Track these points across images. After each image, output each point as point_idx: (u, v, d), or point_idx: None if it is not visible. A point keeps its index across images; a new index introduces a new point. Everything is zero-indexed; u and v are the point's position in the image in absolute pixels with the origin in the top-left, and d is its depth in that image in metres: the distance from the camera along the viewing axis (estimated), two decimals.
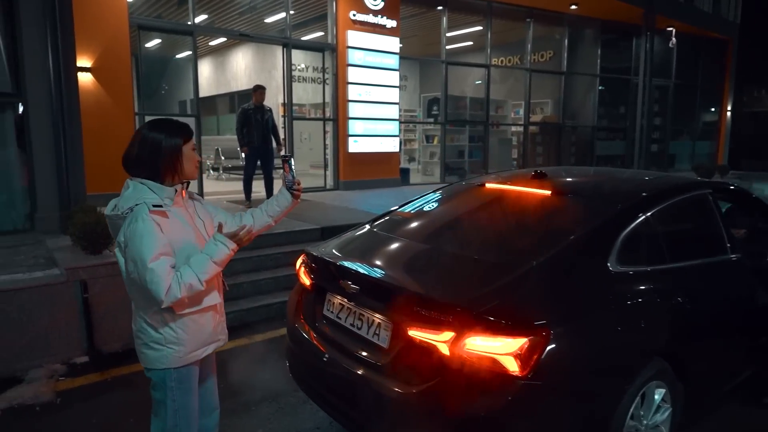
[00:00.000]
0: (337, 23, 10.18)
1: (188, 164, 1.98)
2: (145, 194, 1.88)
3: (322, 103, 10.83)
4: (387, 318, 2.32)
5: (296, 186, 2.27)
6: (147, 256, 1.79)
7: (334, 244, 3.01)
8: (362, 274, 2.51)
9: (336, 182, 10.57)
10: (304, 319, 2.80)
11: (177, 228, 1.92)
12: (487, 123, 13.10)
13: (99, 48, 7.64)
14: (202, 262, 1.90)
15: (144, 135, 1.93)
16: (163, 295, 1.80)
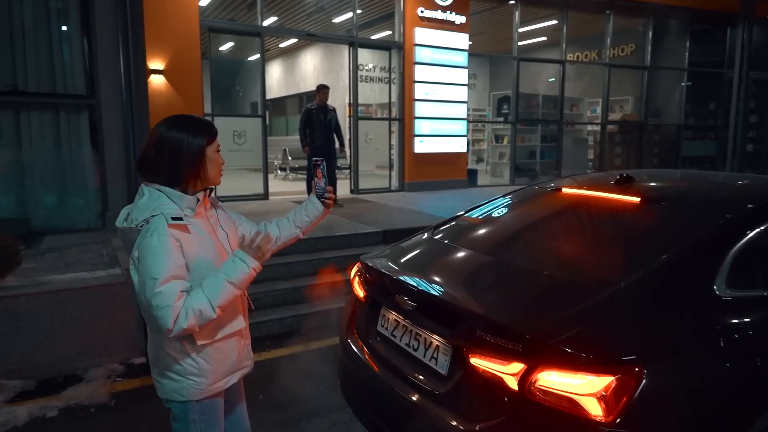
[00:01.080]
0: (404, 21, 9.95)
1: (212, 168, 1.72)
2: (162, 203, 1.63)
3: (388, 102, 10.64)
4: (446, 341, 2.03)
5: (328, 194, 2.02)
6: (157, 278, 1.53)
7: (391, 253, 2.76)
8: (419, 290, 2.22)
9: (401, 183, 10.34)
10: (358, 334, 2.58)
11: (197, 243, 1.67)
12: (561, 122, 12.42)
13: (171, 51, 7.83)
14: (216, 285, 1.62)
15: (162, 134, 1.66)
16: (170, 324, 1.53)
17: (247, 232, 1.92)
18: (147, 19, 7.52)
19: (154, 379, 1.80)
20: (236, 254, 1.68)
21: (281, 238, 2.01)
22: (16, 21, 5.34)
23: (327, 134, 7.65)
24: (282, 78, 18.61)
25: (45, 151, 5.58)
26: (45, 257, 4.57)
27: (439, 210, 7.69)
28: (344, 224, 6.52)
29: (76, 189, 5.77)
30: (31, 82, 5.45)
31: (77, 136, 5.71)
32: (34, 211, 5.57)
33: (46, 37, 5.48)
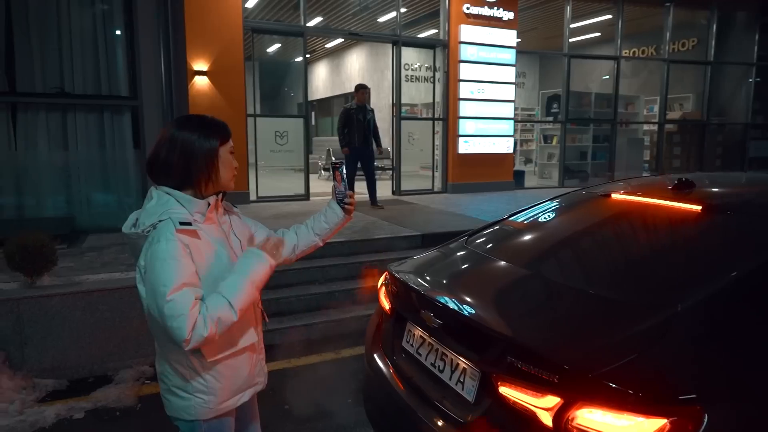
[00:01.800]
0: (450, 18, 9.70)
1: (225, 171, 1.61)
2: (171, 208, 1.52)
3: (431, 102, 10.41)
4: (474, 365, 1.82)
5: (348, 199, 1.88)
6: (167, 286, 1.41)
7: (419, 261, 2.57)
8: (446, 306, 2.00)
9: (444, 185, 10.10)
10: (383, 348, 2.39)
11: (208, 250, 1.55)
12: (614, 121, 11.83)
13: (215, 52, 7.89)
14: (235, 284, 1.51)
15: (173, 135, 1.56)
16: (187, 334, 1.40)
17: (262, 237, 1.80)
18: (191, 21, 7.63)
19: (162, 395, 1.69)
20: (250, 250, 1.60)
21: (299, 246, 1.89)
22: (63, 26, 5.46)
23: (366, 134, 7.53)
24: (328, 78, 18.67)
25: (90, 152, 5.69)
26: (84, 256, 4.63)
27: (482, 213, 7.42)
28: (383, 227, 6.36)
29: (119, 188, 5.87)
30: (78, 84, 5.56)
31: (120, 136, 5.80)
32: (78, 210, 5.70)
33: (92, 41, 5.59)
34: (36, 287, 3.70)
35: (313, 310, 4.71)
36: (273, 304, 4.62)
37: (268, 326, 4.35)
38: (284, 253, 1.83)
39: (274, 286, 4.82)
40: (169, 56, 5.52)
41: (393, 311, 2.37)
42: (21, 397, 3.32)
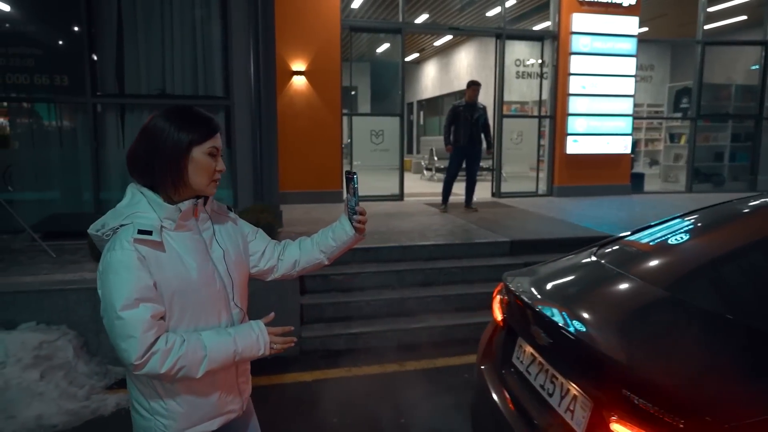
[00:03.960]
0: (560, 7, 8.96)
1: (197, 174, 1.36)
2: (138, 210, 1.34)
3: (538, 98, 9.71)
4: (585, 393, 1.58)
5: (358, 215, 1.62)
6: (119, 301, 1.24)
7: (538, 272, 2.36)
8: (558, 324, 1.78)
9: (549, 187, 9.37)
10: (493, 363, 2.23)
11: (172, 262, 1.34)
12: (760, 117, 10.20)
13: (313, 52, 7.99)
14: (221, 344, 1.36)
15: (148, 123, 1.37)
16: (134, 359, 1.24)
17: (259, 249, 1.63)
18: (289, 23, 7.81)
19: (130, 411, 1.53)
20: (256, 325, 1.46)
21: (301, 262, 1.67)
22: (166, 30, 5.78)
23: (472, 133, 7.16)
24: (437, 77, 18.40)
25: None
26: None
27: (585, 219, 6.71)
28: (470, 230, 5.97)
29: None
30: (177, 85, 5.87)
31: None
32: None
33: (191, 44, 5.86)
34: None
35: (383, 317, 4.48)
36: (342, 307, 4.47)
37: (332, 331, 4.21)
38: (282, 268, 1.66)
39: (346, 289, 4.68)
40: (258, 56, 5.61)
41: (505, 324, 2.21)
42: (92, 382, 3.48)
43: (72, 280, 3.87)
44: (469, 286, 4.89)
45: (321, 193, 8.18)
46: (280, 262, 1.65)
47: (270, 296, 3.98)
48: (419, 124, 21.02)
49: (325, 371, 3.81)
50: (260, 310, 4.06)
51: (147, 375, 1.28)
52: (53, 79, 5.58)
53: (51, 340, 3.47)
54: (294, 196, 7.96)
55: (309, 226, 6.07)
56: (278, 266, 1.65)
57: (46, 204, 5.75)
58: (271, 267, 1.65)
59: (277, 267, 1.65)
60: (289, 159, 7.90)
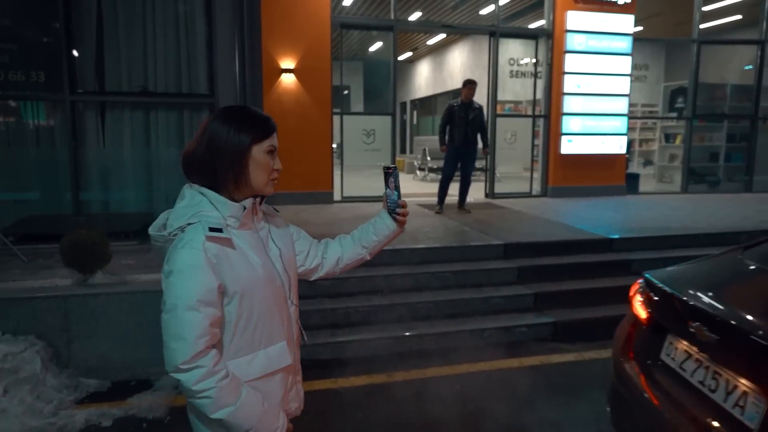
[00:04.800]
0: (555, 4, 8.81)
1: (257, 173, 1.38)
2: (202, 210, 1.33)
3: (532, 98, 9.56)
4: (759, 389, 1.65)
5: (400, 208, 1.62)
6: (178, 299, 1.23)
7: (682, 272, 2.42)
8: (726, 321, 1.84)
9: (544, 188, 9.22)
10: (635, 359, 2.29)
11: (240, 260, 1.34)
12: (755, 117, 10.10)
13: (302, 50, 7.80)
14: (253, 404, 1.33)
15: (207, 126, 1.37)
16: (181, 361, 1.21)
17: (304, 249, 1.64)
18: (279, 19, 7.62)
19: (187, 414, 1.45)
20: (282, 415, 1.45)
21: (344, 259, 1.68)
22: (148, 25, 5.57)
23: (467, 133, 6.99)
24: (430, 76, 18.24)
25: (170, 149, 5.77)
26: (149, 254, 4.62)
27: (582, 221, 6.55)
28: (463, 233, 5.80)
29: None
30: (160, 82, 5.66)
31: None
32: (158, 206, 5.80)
33: (174, 40, 5.65)
34: (87, 285, 3.68)
35: (371, 324, 4.30)
36: (329, 314, 4.29)
37: (318, 339, 4.03)
38: (326, 266, 1.67)
39: (333, 295, 4.49)
40: (244, 53, 5.42)
41: (650, 321, 2.27)
42: (61, 396, 3.28)
43: (42, 287, 3.68)
44: (462, 291, 4.72)
45: (311, 194, 7.99)
46: (324, 260, 1.66)
47: None
48: (413, 123, 20.85)
49: (309, 383, 3.61)
50: None
51: (185, 382, 1.24)
52: (29, 75, 5.35)
53: (17, 351, 3.26)
54: (282, 197, 7.76)
55: None
56: (323, 264, 1.66)
57: (22, 205, 5.54)
58: (316, 266, 1.65)
59: (322, 265, 1.66)
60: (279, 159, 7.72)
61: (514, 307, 4.71)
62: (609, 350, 4.20)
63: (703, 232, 5.93)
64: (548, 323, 4.50)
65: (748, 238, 5.99)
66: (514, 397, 3.47)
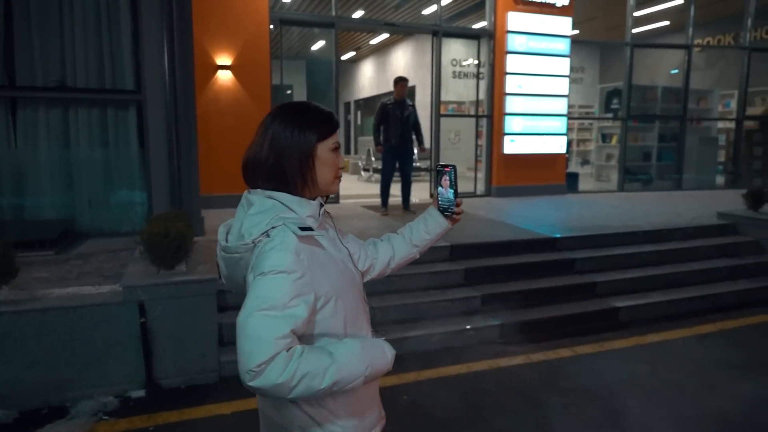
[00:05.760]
0: (496, 5, 8.86)
1: (324, 172, 1.33)
2: (280, 212, 1.25)
3: (475, 98, 9.59)
4: None
5: (455, 207, 1.59)
6: (265, 302, 1.13)
7: None
8: None
9: (488, 187, 9.26)
10: None
11: (330, 262, 1.29)
12: (684, 118, 10.57)
13: (239, 45, 7.45)
14: (347, 348, 1.22)
15: (266, 127, 1.32)
16: (255, 364, 1.08)
17: (354, 251, 1.52)
18: (214, 13, 7.24)
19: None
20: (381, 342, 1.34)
21: (396, 258, 1.64)
22: (65, 13, 5.11)
23: (403, 131, 6.87)
24: (374, 76, 18.11)
25: (92, 150, 5.33)
26: (66, 265, 4.21)
27: (525, 221, 6.57)
28: None
29: (122, 190, 5.48)
30: (80, 76, 5.20)
31: (125, 134, 5.40)
32: (80, 212, 5.34)
33: (95, 30, 5.21)
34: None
35: None
36: None
37: None
38: (378, 267, 1.60)
39: None
40: (173, 47, 5.06)
41: None
42: None
43: None
44: (408, 296, 4.58)
45: None
46: (375, 261, 1.59)
47: (182, 317, 3.50)
48: (357, 123, 20.67)
49: (247, 400, 3.35)
50: (171, 332, 3.57)
51: (260, 385, 1.10)
52: None
53: None
54: (221, 200, 7.35)
55: None
56: (374, 265, 1.59)
57: None
58: (368, 267, 1.57)
59: (374, 266, 1.59)
60: (215, 159, 7.33)
61: (462, 309, 4.61)
62: (556, 351, 4.21)
63: (641, 230, 6.06)
64: (495, 325, 4.43)
65: (682, 234, 6.20)
66: (464, 406, 3.35)
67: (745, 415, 3.26)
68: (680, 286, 5.40)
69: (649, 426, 3.15)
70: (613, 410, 3.32)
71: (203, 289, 3.53)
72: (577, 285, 5.11)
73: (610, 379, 3.74)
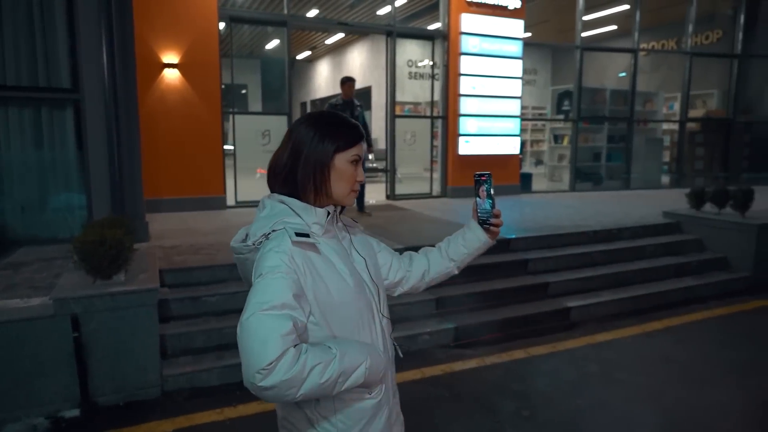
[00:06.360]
0: (450, 6, 8.89)
1: (339, 184, 1.33)
2: (285, 217, 1.28)
3: (430, 99, 9.60)
4: None
5: (493, 218, 1.54)
6: (264, 303, 1.13)
7: None
8: None
9: (443, 188, 9.29)
10: None
11: (328, 268, 1.28)
12: (631, 119, 10.91)
13: (187, 43, 7.18)
14: (350, 345, 1.24)
15: (291, 132, 1.35)
16: (264, 363, 1.07)
17: (387, 262, 1.55)
18: (159, 8, 6.97)
19: None
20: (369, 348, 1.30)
21: (430, 272, 1.60)
22: None
23: None
24: (330, 76, 17.94)
25: (25, 152, 5.00)
26: None
27: None
28: None
29: (59, 194, 5.17)
30: (9, 74, 4.86)
31: (61, 134, 5.10)
32: (11, 218, 5.01)
33: (26, 24, 4.89)
34: None
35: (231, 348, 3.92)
36: (215, 335, 3.86)
37: (202, 365, 3.60)
38: (411, 280, 1.58)
39: (221, 312, 4.07)
40: (113, 43, 4.80)
41: None
42: None
43: None
44: None
45: (202, 200, 7.40)
46: (408, 273, 1.58)
47: (121, 329, 3.30)
48: None
49: (191, 416, 3.21)
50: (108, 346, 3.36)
51: (271, 383, 1.08)
52: None
53: None
54: (169, 203, 7.12)
55: (183, 238, 5.35)
56: (407, 277, 1.58)
57: None
58: (400, 279, 1.57)
59: (407, 279, 1.58)
60: (162, 161, 7.06)
61: (417, 313, 4.56)
62: (510, 353, 4.22)
63: (591, 230, 6.17)
64: (450, 329, 4.40)
65: (630, 234, 6.36)
66: (416, 413, 3.28)
67: (687, 413, 3.33)
68: (629, 284, 5.53)
69: (601, 426, 3.18)
70: (566, 412, 3.33)
71: (143, 299, 3.34)
72: (530, 285, 5.15)
73: (562, 380, 3.76)
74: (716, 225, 6.29)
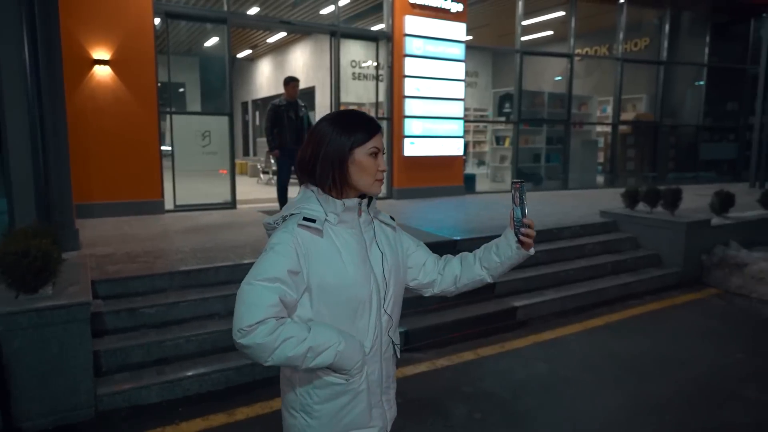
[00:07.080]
0: (394, 8, 8.90)
1: (359, 174, 1.40)
2: (307, 204, 1.41)
3: (375, 100, 9.58)
4: None
5: (525, 228, 1.50)
6: (260, 272, 1.30)
7: None
8: None
9: (389, 190, 9.28)
10: None
11: (331, 256, 1.37)
12: (568, 122, 11.32)
13: (119, 38, 6.80)
14: (328, 330, 1.34)
15: (315, 127, 1.44)
16: (246, 324, 1.24)
17: (420, 262, 1.61)
18: (90, 3, 6.57)
19: None
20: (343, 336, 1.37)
21: (462, 278, 1.62)
22: None
23: (298, 134, 6.62)
24: (272, 76, 17.58)
25: None
26: None
27: (427, 223, 6.62)
28: None
29: None
30: None
31: None
32: None
33: None
34: None
35: (207, 355, 3.76)
36: (155, 348, 3.65)
37: (141, 381, 3.39)
38: (442, 283, 1.62)
39: (160, 324, 3.85)
40: (36, 38, 4.45)
41: None
42: None
43: None
44: None
45: (138, 204, 7.03)
46: (440, 277, 1.62)
47: (48, 348, 3.05)
48: (255, 124, 19.98)
49: None
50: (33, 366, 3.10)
51: (247, 343, 1.26)
52: None
53: None
54: (102, 208, 6.72)
55: (118, 246, 5.04)
56: (438, 280, 1.62)
57: None
58: (430, 281, 1.62)
59: (437, 281, 1.62)
60: (94, 164, 6.66)
61: None
62: (460, 355, 4.24)
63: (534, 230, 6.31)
64: (401, 333, 4.35)
65: (570, 233, 6.57)
66: None
67: (629, 411, 3.45)
68: (571, 282, 5.70)
69: (549, 425, 3.23)
70: (516, 412, 3.37)
71: (73, 313, 3.10)
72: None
73: (512, 381, 3.81)
74: (649, 223, 6.60)
